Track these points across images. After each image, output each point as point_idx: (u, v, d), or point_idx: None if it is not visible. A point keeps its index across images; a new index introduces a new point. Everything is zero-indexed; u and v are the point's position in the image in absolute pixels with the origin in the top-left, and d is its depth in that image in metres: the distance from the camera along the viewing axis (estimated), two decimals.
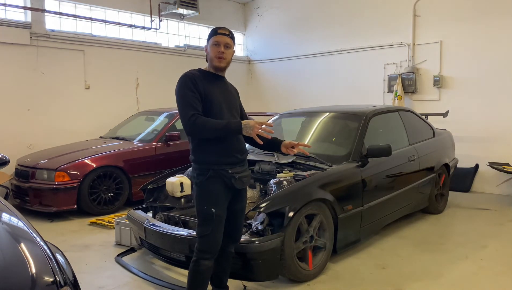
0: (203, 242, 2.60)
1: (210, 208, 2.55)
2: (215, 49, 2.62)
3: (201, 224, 2.61)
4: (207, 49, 2.68)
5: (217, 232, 2.60)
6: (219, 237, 2.62)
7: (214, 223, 2.56)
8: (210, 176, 2.56)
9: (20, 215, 2.09)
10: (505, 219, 5.20)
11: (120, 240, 4.31)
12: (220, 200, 2.59)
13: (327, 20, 8.65)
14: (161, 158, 6.15)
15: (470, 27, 6.77)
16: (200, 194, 2.59)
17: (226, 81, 2.80)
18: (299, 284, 3.31)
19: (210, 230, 2.56)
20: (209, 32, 2.70)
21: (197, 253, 2.62)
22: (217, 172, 2.57)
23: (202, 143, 2.59)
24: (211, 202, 2.56)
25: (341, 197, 3.64)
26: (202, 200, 2.58)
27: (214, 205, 2.56)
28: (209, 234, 2.57)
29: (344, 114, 4.72)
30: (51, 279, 1.56)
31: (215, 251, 2.63)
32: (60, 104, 7.11)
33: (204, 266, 2.61)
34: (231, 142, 2.61)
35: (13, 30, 6.54)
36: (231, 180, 2.59)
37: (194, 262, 2.63)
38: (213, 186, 2.56)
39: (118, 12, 7.99)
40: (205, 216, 2.58)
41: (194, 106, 2.50)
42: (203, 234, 2.59)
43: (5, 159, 3.14)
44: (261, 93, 9.90)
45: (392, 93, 7.59)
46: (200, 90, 2.54)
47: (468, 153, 6.77)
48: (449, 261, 3.80)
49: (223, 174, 2.58)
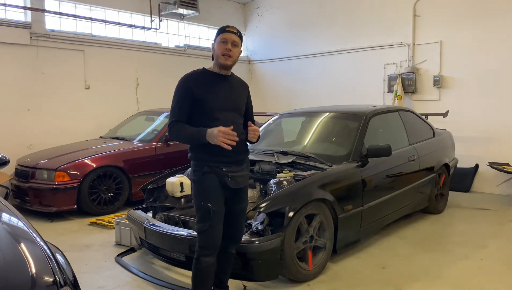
0: (201, 238, 2.62)
1: (206, 204, 2.57)
2: (223, 46, 2.59)
3: (199, 220, 2.62)
4: (214, 46, 2.65)
5: (215, 227, 2.59)
6: (217, 232, 2.61)
7: (211, 218, 2.57)
8: (205, 172, 2.58)
9: (20, 215, 2.09)
10: (505, 219, 5.20)
11: (120, 240, 4.31)
12: (216, 196, 2.60)
13: (327, 20, 8.65)
14: (161, 158, 6.14)
15: (470, 27, 6.77)
16: (197, 190, 2.62)
17: (233, 79, 2.74)
18: (299, 284, 3.31)
19: (208, 225, 2.57)
20: (217, 30, 2.67)
21: (197, 251, 2.63)
22: (212, 168, 2.59)
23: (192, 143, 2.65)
24: (207, 197, 2.58)
25: (341, 197, 3.64)
26: (198, 196, 2.61)
27: (210, 201, 2.57)
28: (206, 229, 2.58)
29: (344, 114, 4.72)
30: (51, 279, 1.56)
31: (215, 247, 2.62)
32: (60, 104, 7.10)
33: (205, 263, 2.61)
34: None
35: (13, 30, 6.54)
36: (224, 178, 2.60)
37: (195, 260, 2.64)
38: (207, 182, 2.58)
39: (118, 12, 7.99)
40: (202, 212, 2.59)
41: (178, 112, 2.59)
42: (201, 230, 2.60)
43: (5, 159, 3.14)
44: (261, 93, 9.90)
45: (392, 93, 7.59)
46: (193, 94, 2.57)
47: (468, 153, 6.77)
48: (449, 261, 3.80)
49: (217, 172, 2.59)
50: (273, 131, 5.14)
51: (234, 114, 2.68)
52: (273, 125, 5.17)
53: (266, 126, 5.13)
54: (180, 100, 2.59)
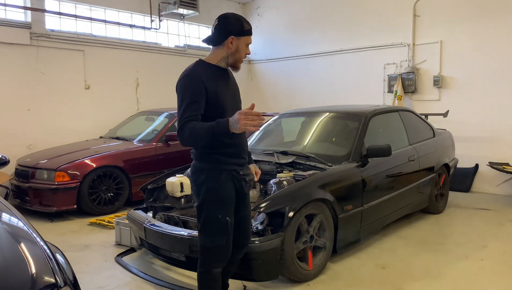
0: (215, 252, 2.39)
1: (224, 217, 2.34)
2: (246, 50, 2.41)
3: (212, 234, 2.38)
4: (234, 44, 2.37)
5: (230, 240, 2.43)
6: (231, 244, 2.46)
7: (228, 233, 2.38)
8: (223, 180, 2.34)
9: (20, 215, 2.09)
10: (505, 219, 5.20)
11: (120, 240, 4.31)
12: (232, 207, 2.41)
13: (327, 20, 8.64)
14: (161, 158, 6.14)
15: (470, 27, 6.77)
16: (211, 200, 2.35)
17: (230, 72, 2.56)
18: (299, 284, 3.31)
19: (225, 240, 2.38)
20: (240, 26, 2.37)
21: (208, 263, 2.42)
22: (230, 173, 2.37)
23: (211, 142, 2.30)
24: (225, 209, 2.35)
25: (341, 197, 3.64)
26: (214, 207, 2.35)
27: (228, 214, 2.36)
28: (223, 244, 2.38)
29: (344, 114, 4.72)
30: (51, 279, 1.56)
31: (227, 258, 2.47)
32: (60, 104, 7.10)
33: (217, 275, 2.45)
34: (241, 143, 2.43)
35: (13, 30, 6.53)
36: (241, 183, 2.42)
37: (206, 272, 2.43)
38: (226, 191, 2.35)
39: (118, 12, 7.99)
40: (218, 225, 2.36)
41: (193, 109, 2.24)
42: (216, 244, 2.38)
43: (5, 159, 3.14)
44: (261, 93, 9.90)
45: (392, 93, 7.59)
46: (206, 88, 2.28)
47: (468, 153, 6.77)
48: (449, 261, 3.80)
49: (235, 176, 2.39)
50: (273, 131, 5.14)
51: (238, 106, 2.54)
52: (273, 125, 5.17)
53: (266, 126, 5.13)
54: (194, 97, 2.25)
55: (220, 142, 2.31)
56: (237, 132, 2.17)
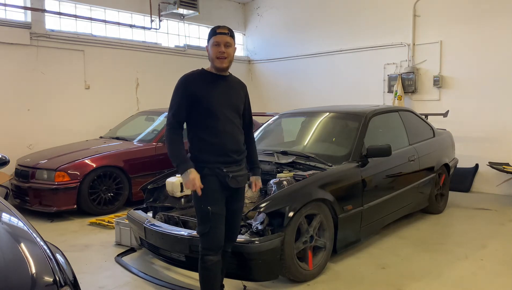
0: (204, 240, 2.63)
1: (206, 207, 2.58)
2: (216, 49, 2.60)
3: (200, 223, 2.64)
4: (208, 49, 2.68)
5: (216, 229, 2.61)
6: (219, 233, 2.63)
7: (211, 221, 2.58)
8: (205, 174, 2.58)
9: (20, 215, 2.09)
10: (505, 219, 5.20)
11: (120, 240, 4.31)
12: (216, 198, 2.61)
13: (327, 20, 8.65)
14: (161, 158, 6.14)
15: (470, 27, 6.77)
16: (196, 193, 2.58)
17: (231, 79, 2.74)
18: (299, 284, 3.31)
19: (208, 228, 2.59)
20: (209, 32, 2.68)
21: (201, 251, 2.66)
22: (212, 170, 2.59)
23: (198, 141, 2.63)
24: (207, 200, 2.58)
25: (341, 197, 3.64)
26: (198, 199, 2.60)
27: (210, 203, 2.58)
28: (208, 232, 2.60)
29: (344, 114, 4.72)
30: (51, 279, 1.56)
31: (218, 247, 2.64)
32: (60, 104, 7.10)
33: (210, 262, 2.62)
34: (226, 143, 2.62)
35: (13, 30, 6.54)
36: (225, 179, 2.60)
37: (200, 259, 2.66)
38: (208, 184, 2.57)
39: (118, 12, 7.99)
40: (202, 215, 2.61)
41: (177, 111, 2.60)
42: (202, 232, 2.62)
43: (5, 159, 3.14)
44: (261, 93, 9.90)
45: (392, 93, 7.59)
46: (192, 93, 2.57)
47: (468, 153, 6.77)
48: (449, 261, 3.80)
49: (218, 172, 2.60)
50: (273, 131, 5.14)
51: (233, 114, 2.68)
52: (273, 125, 5.17)
53: (266, 126, 5.13)
54: (179, 100, 2.59)
55: (205, 141, 2.61)
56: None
